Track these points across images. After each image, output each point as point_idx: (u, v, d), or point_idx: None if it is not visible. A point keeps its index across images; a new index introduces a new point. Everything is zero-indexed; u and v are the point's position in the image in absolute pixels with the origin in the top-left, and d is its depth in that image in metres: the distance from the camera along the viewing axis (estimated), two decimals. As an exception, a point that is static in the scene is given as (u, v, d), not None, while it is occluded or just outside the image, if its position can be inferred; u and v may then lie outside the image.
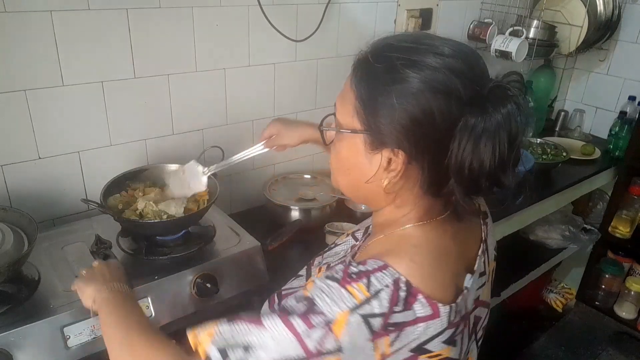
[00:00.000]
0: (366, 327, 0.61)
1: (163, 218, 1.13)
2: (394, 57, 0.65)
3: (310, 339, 0.61)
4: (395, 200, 0.73)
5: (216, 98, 1.47)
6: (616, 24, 2.30)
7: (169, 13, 1.28)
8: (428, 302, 0.64)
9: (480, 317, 0.80)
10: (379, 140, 0.67)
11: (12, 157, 1.18)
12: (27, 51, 1.11)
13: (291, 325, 0.61)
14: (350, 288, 0.63)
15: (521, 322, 2.59)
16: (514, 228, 1.96)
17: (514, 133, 0.63)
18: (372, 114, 0.67)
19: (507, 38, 1.96)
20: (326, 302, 0.62)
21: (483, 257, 0.78)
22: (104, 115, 1.27)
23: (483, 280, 0.79)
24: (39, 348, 0.91)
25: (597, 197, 2.56)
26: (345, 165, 0.74)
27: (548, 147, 2.17)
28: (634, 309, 2.48)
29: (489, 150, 0.62)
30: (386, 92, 0.65)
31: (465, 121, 0.62)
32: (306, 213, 1.49)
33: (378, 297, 0.62)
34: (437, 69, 0.63)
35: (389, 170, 0.68)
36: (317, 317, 0.61)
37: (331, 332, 0.61)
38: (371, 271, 0.64)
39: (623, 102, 2.40)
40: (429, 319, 0.65)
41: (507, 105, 0.62)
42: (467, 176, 0.63)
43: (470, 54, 0.67)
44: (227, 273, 1.13)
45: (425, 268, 0.67)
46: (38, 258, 1.08)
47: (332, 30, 1.63)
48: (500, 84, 0.65)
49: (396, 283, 0.63)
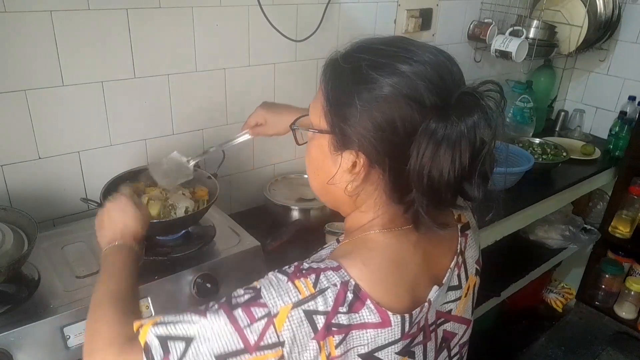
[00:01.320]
0: (308, 324, 0.61)
1: (172, 215, 1.13)
2: (361, 58, 0.64)
3: (251, 332, 0.60)
4: (359, 206, 0.72)
5: (216, 98, 1.47)
6: (616, 24, 2.30)
7: (169, 13, 1.28)
8: (377, 309, 0.63)
9: (454, 333, 0.78)
10: (342, 142, 0.67)
11: (12, 157, 1.18)
12: (27, 51, 1.11)
13: (234, 318, 0.61)
14: (297, 282, 0.62)
15: (521, 322, 2.59)
16: (514, 228, 1.96)
17: (478, 144, 0.61)
18: (337, 115, 0.66)
19: (507, 38, 1.96)
20: (271, 295, 0.62)
21: (457, 270, 0.76)
22: (104, 115, 1.28)
23: (457, 294, 0.76)
24: (39, 348, 0.91)
25: (597, 197, 2.56)
26: (314, 165, 0.74)
27: (548, 147, 2.17)
28: (634, 309, 2.48)
29: (448, 158, 0.59)
30: (350, 92, 0.64)
31: (425, 126, 0.60)
32: (306, 213, 1.49)
33: (324, 295, 0.61)
34: (402, 73, 0.62)
35: (352, 173, 0.67)
36: (260, 309, 0.61)
37: (272, 326, 0.60)
38: (322, 269, 0.64)
39: (623, 102, 2.40)
40: (378, 326, 0.63)
41: (474, 115, 0.60)
42: (426, 184, 0.61)
43: (444, 62, 0.65)
44: (227, 273, 1.13)
45: (377, 274, 0.65)
46: (38, 258, 1.08)
47: (332, 30, 1.63)
48: (470, 92, 0.62)
49: (344, 285, 0.63)
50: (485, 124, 0.61)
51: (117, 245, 0.86)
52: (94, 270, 1.07)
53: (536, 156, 2.06)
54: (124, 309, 0.74)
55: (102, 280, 0.80)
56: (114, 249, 0.85)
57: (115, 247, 0.85)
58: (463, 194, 0.65)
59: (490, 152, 0.62)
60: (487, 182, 0.64)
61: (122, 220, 0.89)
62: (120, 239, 0.86)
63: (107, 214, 0.90)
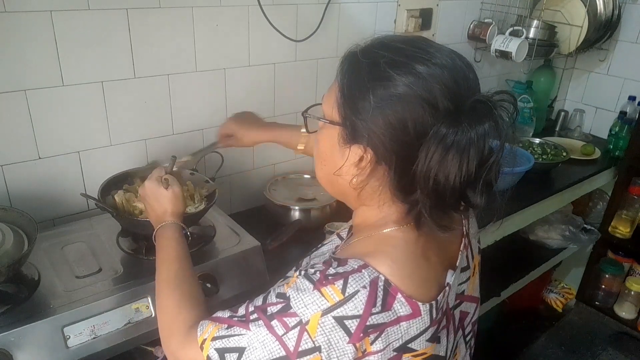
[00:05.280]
0: (340, 329, 0.62)
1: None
2: (380, 55, 0.65)
3: (289, 340, 0.63)
4: (364, 200, 0.73)
5: (216, 98, 1.47)
6: (616, 24, 2.30)
7: (169, 13, 1.28)
8: (407, 301, 0.65)
9: (467, 312, 0.80)
10: (352, 135, 0.67)
11: (12, 157, 1.18)
12: (28, 51, 1.11)
13: (272, 328, 0.65)
14: (324, 290, 0.63)
15: (521, 322, 2.59)
16: (514, 228, 1.97)
17: (486, 153, 0.62)
18: (350, 108, 0.67)
19: (507, 38, 1.96)
20: (300, 304, 0.64)
21: (465, 251, 0.78)
22: (104, 115, 1.27)
23: (467, 274, 0.79)
24: (39, 348, 0.91)
25: (597, 197, 2.56)
26: (322, 156, 0.75)
27: (548, 147, 2.17)
28: (634, 309, 2.48)
29: (455, 164, 0.60)
30: (365, 87, 0.64)
31: (436, 130, 0.61)
32: (306, 213, 1.49)
33: (353, 300, 0.62)
34: (419, 74, 0.62)
35: (358, 167, 0.68)
36: (292, 319, 0.64)
37: (306, 332, 0.63)
38: (349, 272, 0.64)
39: (623, 102, 2.40)
40: (410, 317, 0.65)
41: (485, 124, 0.60)
42: (431, 187, 0.62)
43: (461, 68, 0.65)
44: (227, 273, 1.13)
45: (406, 269, 0.67)
46: (38, 258, 1.08)
47: (332, 30, 1.63)
48: (484, 100, 0.62)
49: (374, 284, 0.64)
50: (495, 134, 0.61)
51: (162, 227, 0.95)
52: (94, 270, 1.07)
53: (536, 156, 2.06)
54: (180, 295, 0.83)
55: (157, 267, 0.90)
56: (159, 232, 0.94)
57: (160, 230, 0.94)
58: (465, 200, 0.65)
59: (497, 162, 0.63)
60: (490, 190, 0.65)
61: (159, 206, 0.97)
62: (162, 221, 0.95)
63: (145, 200, 0.99)
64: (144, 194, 0.98)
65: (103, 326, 0.97)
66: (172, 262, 0.88)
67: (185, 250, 0.92)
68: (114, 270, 1.08)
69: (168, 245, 0.91)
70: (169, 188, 0.97)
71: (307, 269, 0.67)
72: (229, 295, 1.13)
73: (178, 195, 0.98)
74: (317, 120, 0.75)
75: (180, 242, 0.92)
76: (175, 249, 0.90)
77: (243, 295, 1.15)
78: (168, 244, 0.91)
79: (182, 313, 0.80)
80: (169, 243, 0.91)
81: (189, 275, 0.88)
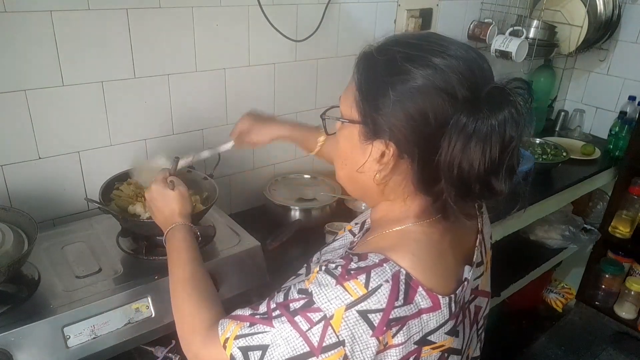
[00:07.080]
0: (364, 322, 0.63)
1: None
2: (396, 51, 0.66)
3: (313, 335, 0.64)
4: (388, 195, 0.74)
5: (216, 98, 1.47)
6: (616, 24, 2.30)
7: (169, 13, 1.28)
8: (428, 294, 0.66)
9: (480, 306, 0.82)
10: (373, 131, 0.68)
11: (12, 157, 1.18)
12: (28, 51, 1.11)
13: (296, 324, 0.65)
14: (346, 285, 0.64)
15: (521, 322, 2.59)
16: (514, 228, 1.97)
17: (507, 139, 0.62)
18: (369, 105, 0.68)
19: (507, 38, 1.96)
20: (324, 299, 0.64)
21: (480, 247, 0.80)
22: (104, 115, 1.27)
23: (481, 269, 0.80)
24: (39, 348, 0.91)
25: (597, 197, 2.56)
26: (343, 155, 0.76)
27: (548, 147, 2.17)
28: (634, 309, 2.48)
29: (478, 151, 0.61)
30: (383, 83, 0.66)
31: (457, 119, 0.62)
32: (306, 213, 1.49)
33: (376, 294, 0.63)
34: (436, 66, 0.64)
35: (380, 162, 0.69)
36: (316, 314, 0.64)
37: (330, 327, 0.63)
38: (371, 266, 0.65)
39: (623, 102, 2.40)
40: (430, 310, 0.66)
41: (504, 110, 0.62)
42: (456, 176, 0.63)
43: (475, 58, 0.67)
44: (227, 273, 1.13)
45: (427, 262, 0.68)
46: (38, 258, 1.08)
47: (332, 30, 1.63)
48: (501, 87, 0.64)
49: (395, 277, 0.65)
50: (514, 120, 0.62)
51: (172, 229, 0.94)
52: (94, 270, 1.07)
53: (536, 156, 2.06)
54: (197, 296, 0.83)
55: (169, 269, 0.90)
56: (170, 234, 0.94)
57: (171, 232, 0.94)
58: (489, 188, 0.66)
59: (517, 147, 0.64)
60: (513, 176, 0.66)
61: (167, 207, 0.96)
62: (172, 222, 0.94)
63: (153, 203, 0.98)
64: (150, 197, 0.98)
65: (103, 326, 0.97)
66: (187, 264, 0.88)
67: (197, 251, 0.92)
68: (114, 270, 1.08)
69: (180, 247, 0.91)
70: (175, 189, 0.97)
71: (327, 264, 0.68)
72: (229, 295, 1.13)
73: (185, 196, 0.98)
74: (335, 122, 0.76)
75: (193, 244, 0.92)
76: (188, 250, 0.90)
77: (243, 295, 1.15)
78: (180, 245, 0.91)
79: (202, 313, 0.80)
80: (181, 245, 0.91)
81: (204, 276, 0.88)
